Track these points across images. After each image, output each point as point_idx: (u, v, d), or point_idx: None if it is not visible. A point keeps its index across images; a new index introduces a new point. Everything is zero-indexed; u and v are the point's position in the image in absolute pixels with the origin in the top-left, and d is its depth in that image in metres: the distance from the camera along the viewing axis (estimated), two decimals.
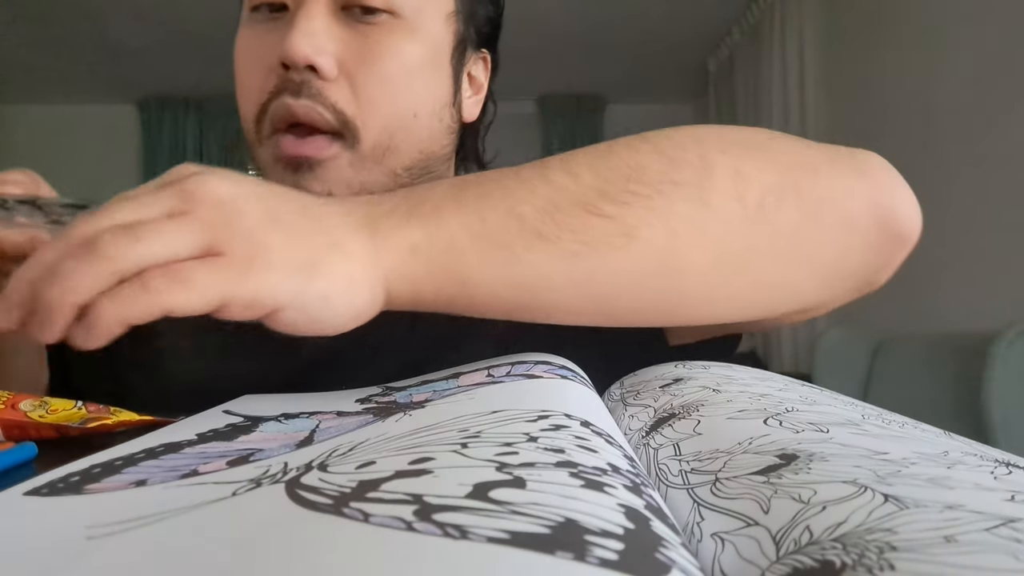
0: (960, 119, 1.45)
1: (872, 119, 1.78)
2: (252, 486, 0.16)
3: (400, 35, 0.41)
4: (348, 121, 0.40)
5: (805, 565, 0.11)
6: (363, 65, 0.40)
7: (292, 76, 0.39)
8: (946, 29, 1.49)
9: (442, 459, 0.15)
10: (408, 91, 0.42)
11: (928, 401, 1.22)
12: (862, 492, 0.14)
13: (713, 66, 2.80)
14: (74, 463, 0.19)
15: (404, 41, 0.41)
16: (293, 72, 0.39)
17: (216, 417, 0.25)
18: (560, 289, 0.26)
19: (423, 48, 0.42)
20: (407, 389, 0.29)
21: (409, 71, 0.41)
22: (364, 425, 0.22)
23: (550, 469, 0.14)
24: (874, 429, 0.19)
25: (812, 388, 0.27)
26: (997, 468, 0.15)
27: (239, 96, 0.42)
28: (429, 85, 0.43)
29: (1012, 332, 1.12)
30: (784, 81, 2.17)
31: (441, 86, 0.44)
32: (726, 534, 0.14)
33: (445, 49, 0.44)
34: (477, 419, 0.19)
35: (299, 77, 0.39)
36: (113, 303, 0.20)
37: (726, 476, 0.16)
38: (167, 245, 0.21)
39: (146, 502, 0.15)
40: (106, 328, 0.21)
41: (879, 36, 1.74)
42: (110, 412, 0.29)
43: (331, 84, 0.39)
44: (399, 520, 0.12)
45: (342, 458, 0.17)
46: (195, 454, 0.20)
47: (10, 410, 0.27)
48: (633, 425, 0.24)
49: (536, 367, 0.27)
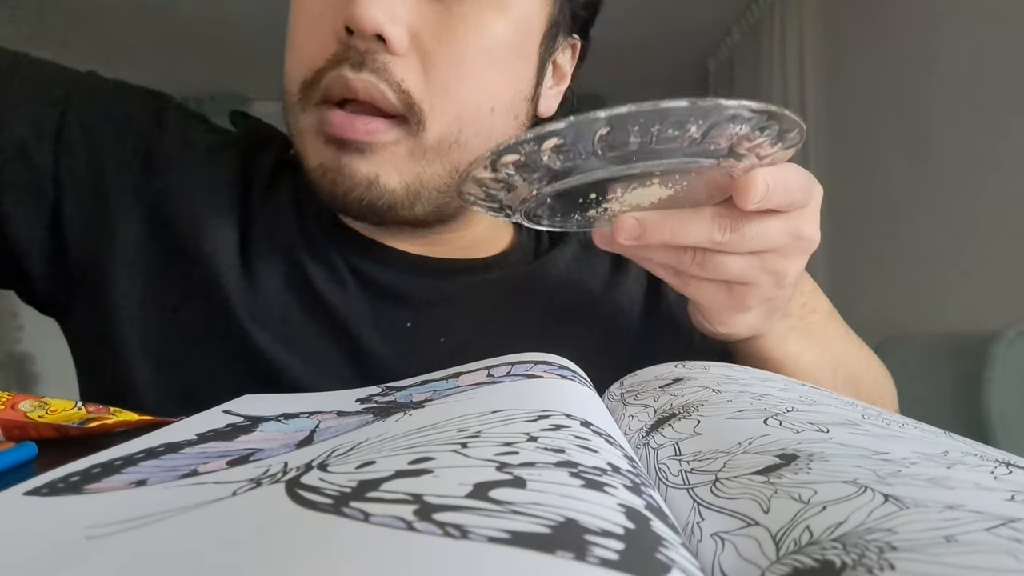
0: (960, 119, 1.45)
1: (872, 119, 1.78)
2: (252, 486, 0.16)
3: (489, 12, 0.36)
4: (414, 104, 0.35)
5: (805, 565, 0.11)
6: (441, 42, 0.35)
7: (356, 43, 0.34)
8: (946, 29, 1.49)
9: (442, 459, 0.15)
10: (488, 79, 0.37)
11: (928, 401, 1.22)
12: (862, 492, 0.14)
13: (713, 66, 2.80)
14: (74, 463, 0.19)
15: (492, 19, 0.36)
16: (357, 39, 0.34)
17: (216, 417, 0.25)
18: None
19: (512, 30, 0.37)
20: (407, 389, 0.29)
21: (492, 55, 0.37)
22: (364, 425, 0.22)
23: (550, 469, 0.14)
24: (874, 429, 0.19)
25: (812, 388, 0.27)
26: (997, 468, 0.15)
27: (289, 54, 0.37)
28: (511, 74, 0.38)
29: (1012, 332, 1.11)
30: (784, 81, 2.16)
31: (524, 77, 0.40)
32: (726, 534, 0.14)
33: (536, 34, 0.39)
34: (477, 419, 0.19)
35: (364, 46, 0.34)
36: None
37: (726, 476, 0.16)
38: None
39: (146, 502, 0.15)
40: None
41: (879, 36, 1.74)
42: (110, 412, 0.29)
43: (399, 59, 0.34)
44: (399, 520, 0.12)
45: (342, 458, 0.17)
46: (195, 454, 0.20)
47: (10, 410, 0.27)
48: (633, 425, 0.24)
49: (536, 367, 0.27)
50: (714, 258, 0.31)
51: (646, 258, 0.33)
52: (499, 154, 0.26)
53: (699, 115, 0.24)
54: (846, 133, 1.91)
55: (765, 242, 0.30)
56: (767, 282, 0.32)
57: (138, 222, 0.40)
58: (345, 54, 0.34)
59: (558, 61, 0.44)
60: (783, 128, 0.26)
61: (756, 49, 2.36)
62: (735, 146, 0.26)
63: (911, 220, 1.60)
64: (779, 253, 0.31)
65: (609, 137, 0.25)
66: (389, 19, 0.33)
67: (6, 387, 2.40)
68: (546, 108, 0.44)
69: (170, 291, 0.39)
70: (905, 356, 1.36)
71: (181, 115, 0.44)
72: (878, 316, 1.64)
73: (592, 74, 0.81)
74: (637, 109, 0.23)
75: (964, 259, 1.44)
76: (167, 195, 0.40)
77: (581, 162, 0.26)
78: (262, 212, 0.42)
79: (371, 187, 0.37)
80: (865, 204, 1.79)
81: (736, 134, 0.25)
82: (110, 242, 0.39)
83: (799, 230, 0.30)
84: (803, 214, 0.30)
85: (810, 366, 0.40)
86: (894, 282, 1.64)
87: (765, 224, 0.30)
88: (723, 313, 0.35)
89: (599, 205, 0.31)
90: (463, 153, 0.37)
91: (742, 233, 0.29)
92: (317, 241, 0.42)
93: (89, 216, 0.39)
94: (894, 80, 1.68)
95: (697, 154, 0.26)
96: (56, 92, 0.39)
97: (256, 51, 2.54)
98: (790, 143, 0.27)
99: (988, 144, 1.37)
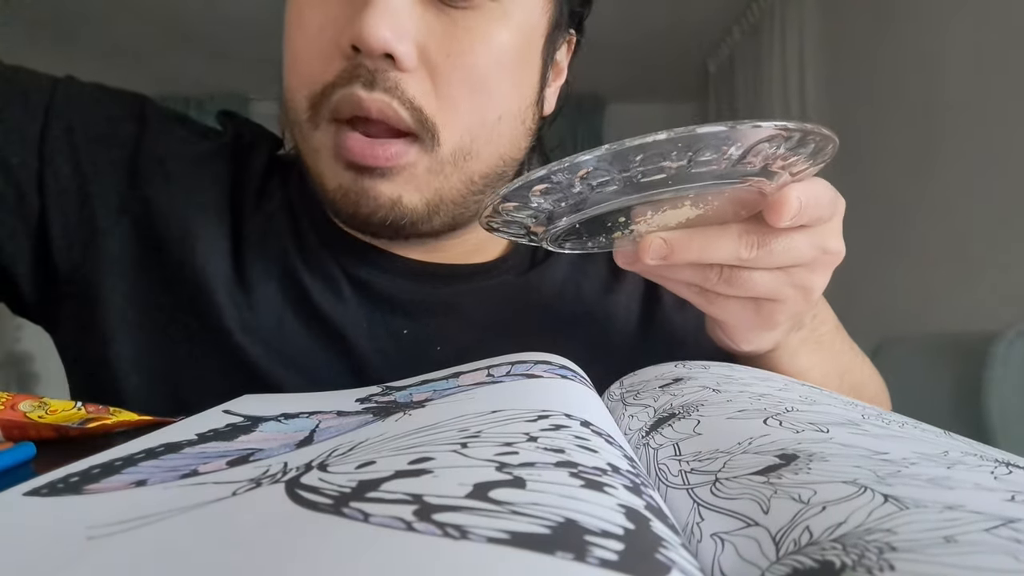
0: (960, 119, 1.44)
1: (872, 119, 1.78)
2: (252, 486, 0.16)
3: (495, 23, 0.35)
4: (426, 120, 0.35)
5: (805, 565, 0.11)
6: (449, 56, 0.34)
7: (364, 62, 0.33)
8: (947, 29, 1.49)
9: (442, 459, 0.15)
10: (496, 89, 0.37)
11: (928, 401, 1.22)
12: (862, 492, 0.14)
13: (713, 66, 2.80)
14: (74, 463, 0.19)
15: (498, 30, 0.35)
16: (365, 58, 0.33)
17: (216, 417, 0.25)
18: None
19: (517, 39, 0.37)
20: (407, 389, 0.29)
21: (500, 66, 0.36)
22: (364, 425, 0.22)
23: (550, 469, 0.14)
24: (874, 429, 0.19)
25: (812, 388, 0.27)
26: (997, 468, 0.15)
27: (290, 68, 0.36)
28: (517, 82, 0.38)
29: (1012, 332, 1.11)
30: (784, 81, 2.16)
31: (529, 83, 0.39)
32: (726, 534, 0.14)
33: (539, 39, 0.39)
34: (477, 419, 0.19)
35: (373, 64, 0.33)
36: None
37: (726, 476, 0.16)
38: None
39: (146, 502, 0.15)
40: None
41: (879, 36, 1.74)
42: (110, 412, 0.29)
43: (409, 75, 0.34)
44: (399, 520, 0.12)
45: (342, 458, 0.17)
46: (195, 454, 0.20)
47: (10, 411, 0.27)
48: (633, 425, 0.24)
49: (536, 367, 0.27)
50: (741, 274, 0.30)
51: (671, 278, 0.32)
52: (530, 185, 0.26)
53: (736, 139, 0.24)
54: (846, 133, 1.90)
55: (793, 257, 0.30)
56: (795, 297, 0.32)
57: (123, 233, 0.39)
58: (355, 72, 0.34)
59: (556, 58, 0.44)
60: (819, 146, 0.26)
61: (756, 49, 2.36)
62: (769, 164, 0.26)
63: (911, 220, 1.60)
64: (806, 268, 0.31)
65: (642, 164, 0.25)
66: (397, 38, 0.32)
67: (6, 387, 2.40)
68: (548, 108, 0.44)
69: (159, 305, 0.39)
70: (905, 356, 1.36)
71: (164, 118, 0.43)
72: (878, 316, 1.64)
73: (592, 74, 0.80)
74: (674, 136, 0.23)
75: (964, 259, 1.44)
76: (153, 206, 0.40)
77: (613, 189, 0.26)
78: (253, 220, 0.41)
79: (394, 208, 0.37)
80: (865, 204, 1.78)
81: (772, 154, 0.25)
82: (96, 252, 0.39)
83: (825, 244, 0.30)
84: (828, 228, 0.30)
85: (819, 380, 0.40)
86: (894, 282, 1.64)
87: (792, 239, 0.29)
88: (750, 332, 0.35)
89: (626, 227, 0.30)
90: (476, 163, 0.37)
91: (769, 249, 0.29)
92: (312, 249, 0.41)
93: (75, 226, 0.39)
94: (894, 80, 1.68)
95: (731, 175, 0.26)
96: (35, 100, 0.39)
97: (256, 51, 2.53)
98: (824, 159, 0.27)
99: (988, 144, 1.37)
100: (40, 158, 0.38)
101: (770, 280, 0.31)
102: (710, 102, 2.87)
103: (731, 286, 0.31)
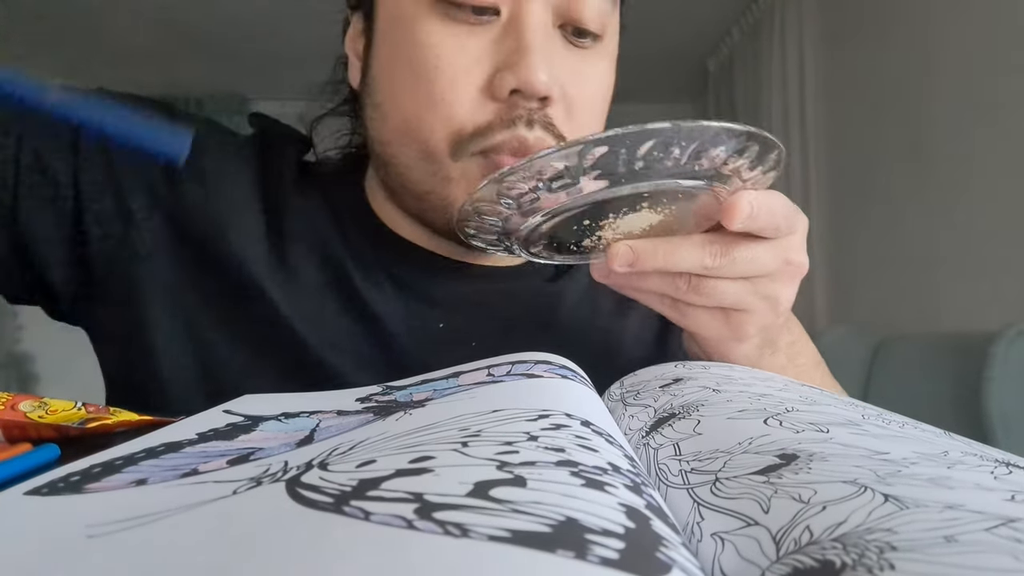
0: (960, 119, 1.45)
1: (872, 119, 1.78)
2: (252, 485, 0.16)
3: (606, 60, 0.41)
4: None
5: (805, 565, 0.11)
6: (579, 89, 0.39)
7: (527, 104, 0.36)
8: (946, 29, 1.49)
9: (443, 458, 0.15)
10: (604, 115, 0.42)
11: (928, 401, 1.22)
12: (862, 492, 0.14)
13: (713, 66, 2.80)
14: (74, 463, 0.19)
15: (608, 66, 0.41)
16: (524, 99, 0.36)
17: (216, 416, 0.25)
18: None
19: (613, 71, 0.42)
20: (407, 388, 0.29)
21: (607, 98, 0.42)
22: (364, 424, 0.22)
23: (551, 468, 0.14)
24: (874, 429, 0.19)
25: (812, 388, 0.27)
26: (997, 468, 0.15)
27: (427, 110, 0.37)
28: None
29: (1012, 332, 1.12)
30: (784, 81, 2.16)
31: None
32: (726, 534, 0.14)
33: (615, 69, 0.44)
34: (477, 418, 0.19)
35: (529, 104, 0.36)
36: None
37: (726, 476, 0.16)
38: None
39: (146, 501, 0.15)
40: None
41: (879, 36, 1.74)
42: (110, 412, 0.29)
43: (552, 108, 0.38)
44: (400, 518, 0.12)
45: (342, 457, 0.17)
46: (195, 453, 0.20)
47: (10, 411, 0.27)
48: (633, 425, 0.24)
49: (536, 367, 0.27)
50: (707, 283, 0.32)
51: (643, 289, 0.34)
52: (500, 180, 0.27)
53: (682, 136, 0.25)
54: (846, 133, 1.91)
55: (756, 267, 0.31)
56: (762, 308, 0.33)
57: (159, 225, 0.41)
58: (514, 113, 0.36)
59: None
60: (763, 149, 0.27)
61: (756, 49, 2.36)
62: (719, 168, 0.27)
63: (911, 220, 1.60)
64: (770, 278, 0.32)
65: (601, 160, 0.26)
66: (553, 80, 0.36)
67: (6, 387, 2.40)
68: None
69: (202, 294, 0.40)
70: (905, 356, 1.36)
71: (192, 119, 0.45)
72: (878, 316, 1.64)
73: None
74: (624, 132, 0.24)
75: (964, 259, 1.44)
76: (188, 199, 0.41)
77: (574, 186, 0.28)
78: (291, 208, 0.43)
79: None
80: (865, 204, 1.79)
81: (719, 155, 0.26)
82: (133, 248, 0.40)
83: (787, 256, 0.32)
84: (790, 242, 0.32)
85: None
86: (894, 282, 1.64)
87: (753, 249, 0.31)
88: (722, 344, 0.36)
89: (593, 233, 0.32)
90: None
91: (732, 258, 0.30)
92: (355, 243, 0.44)
93: (110, 218, 0.40)
94: (894, 80, 1.68)
95: (682, 174, 0.27)
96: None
97: (256, 51, 2.54)
98: (770, 165, 0.28)
99: (988, 144, 1.37)
100: (75, 159, 0.40)
101: (737, 289, 0.32)
102: (710, 102, 2.87)
103: (699, 295, 0.32)
